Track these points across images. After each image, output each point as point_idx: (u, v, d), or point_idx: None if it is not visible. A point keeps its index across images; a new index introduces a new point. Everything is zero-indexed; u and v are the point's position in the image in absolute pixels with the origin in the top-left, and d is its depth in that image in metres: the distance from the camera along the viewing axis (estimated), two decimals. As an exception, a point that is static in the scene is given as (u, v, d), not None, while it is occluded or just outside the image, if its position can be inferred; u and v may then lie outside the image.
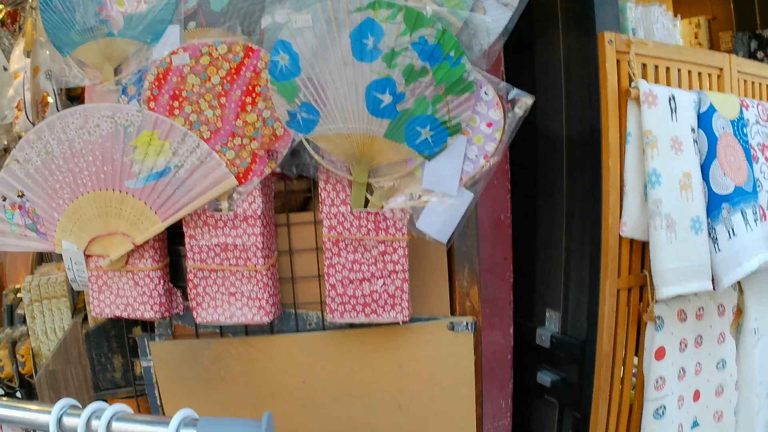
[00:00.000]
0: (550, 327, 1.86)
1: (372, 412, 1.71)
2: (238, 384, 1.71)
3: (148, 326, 1.75)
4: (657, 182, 1.64)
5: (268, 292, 1.58)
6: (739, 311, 1.90)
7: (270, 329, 1.71)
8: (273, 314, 1.60)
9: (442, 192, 1.54)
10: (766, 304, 1.97)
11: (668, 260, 1.64)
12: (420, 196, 1.54)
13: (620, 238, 1.69)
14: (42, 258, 2.47)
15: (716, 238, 1.69)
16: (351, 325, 1.67)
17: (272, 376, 1.71)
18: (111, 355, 1.91)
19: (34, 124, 1.89)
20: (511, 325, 1.83)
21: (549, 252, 1.90)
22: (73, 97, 2.06)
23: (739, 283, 1.90)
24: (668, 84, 1.74)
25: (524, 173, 1.88)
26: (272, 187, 1.62)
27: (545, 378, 1.87)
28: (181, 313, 1.67)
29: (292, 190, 1.73)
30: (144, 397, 1.82)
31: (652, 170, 1.64)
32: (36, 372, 1.95)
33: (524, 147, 1.73)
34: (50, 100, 1.98)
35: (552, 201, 1.88)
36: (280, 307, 1.67)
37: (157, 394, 1.77)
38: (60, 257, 2.43)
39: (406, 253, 1.56)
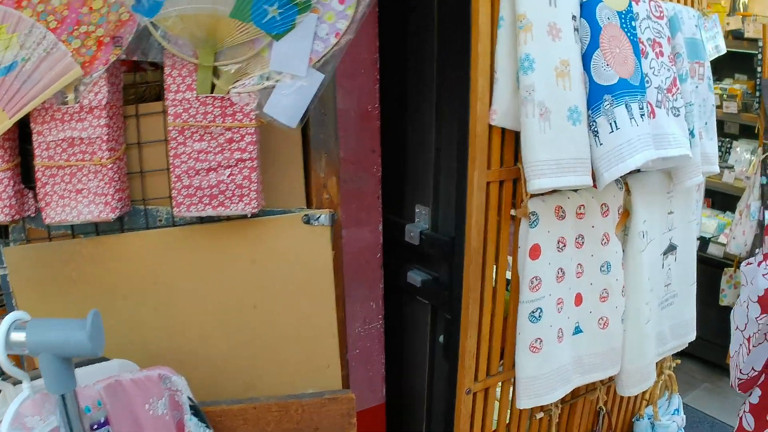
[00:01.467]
0: (419, 223, 1.85)
1: (226, 312, 1.68)
2: (90, 286, 1.66)
3: (2, 233, 1.70)
4: (530, 68, 1.61)
5: (114, 187, 1.55)
6: (626, 213, 1.83)
7: (120, 227, 1.66)
8: (120, 210, 1.57)
9: (291, 73, 1.50)
10: (657, 207, 1.93)
11: (541, 151, 1.62)
12: (268, 79, 1.50)
13: (490, 127, 1.67)
14: None
15: (597, 131, 1.67)
16: (202, 220, 1.63)
17: (123, 277, 1.66)
18: (-34, 269, 1.80)
19: None
20: (380, 221, 1.82)
21: (419, 144, 1.89)
22: None
23: (626, 183, 1.82)
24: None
25: (394, 62, 1.81)
26: (121, 77, 1.59)
27: (416, 277, 1.86)
28: (33, 214, 1.63)
29: (147, 81, 1.68)
30: (3, 308, 1.76)
31: (525, 55, 1.61)
32: None
33: (394, 35, 1.70)
34: None
35: (422, 90, 1.86)
36: (128, 202, 1.62)
37: (14, 303, 1.72)
38: None
39: (255, 140, 1.52)
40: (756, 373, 1.64)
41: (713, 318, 2.44)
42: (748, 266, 1.59)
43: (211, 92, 1.51)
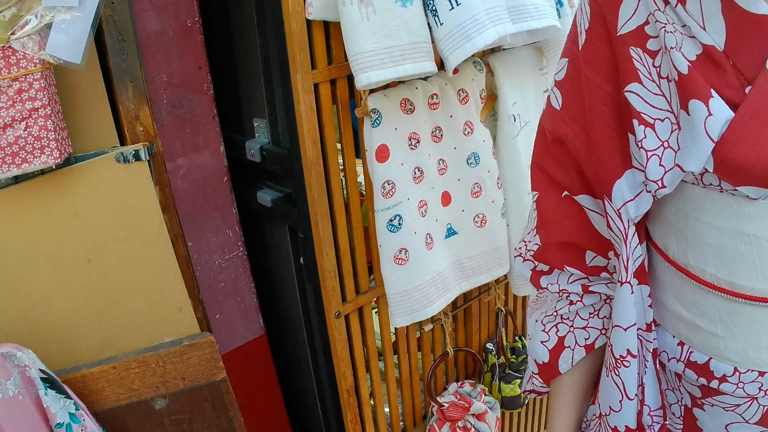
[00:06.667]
0: (260, 138, 1.79)
1: (59, 272, 1.63)
2: None
3: None
4: (340, -51, 1.46)
5: None
6: (493, 96, 1.69)
7: (-58, 203, 1.67)
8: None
9: (64, 5, 1.42)
10: (530, 87, 1.88)
11: (366, 41, 1.57)
12: (43, 17, 1.42)
13: (309, 22, 1.60)
14: None
15: (436, 10, 1.61)
16: (17, 179, 1.57)
17: (-47, 256, 1.68)
18: None
19: None
20: (221, 142, 1.80)
21: (246, 52, 1.82)
22: None
23: (488, 64, 1.68)
24: None
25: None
26: None
27: (266, 197, 1.90)
28: None
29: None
30: None
31: (335, -65, 1.44)
32: None
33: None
34: None
35: None
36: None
37: None
38: None
39: (44, 85, 1.46)
40: None
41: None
42: (524, 263, 1.22)
43: (-7, 45, 1.52)
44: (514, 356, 2.25)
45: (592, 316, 1.13)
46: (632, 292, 1.01)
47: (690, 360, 1.02)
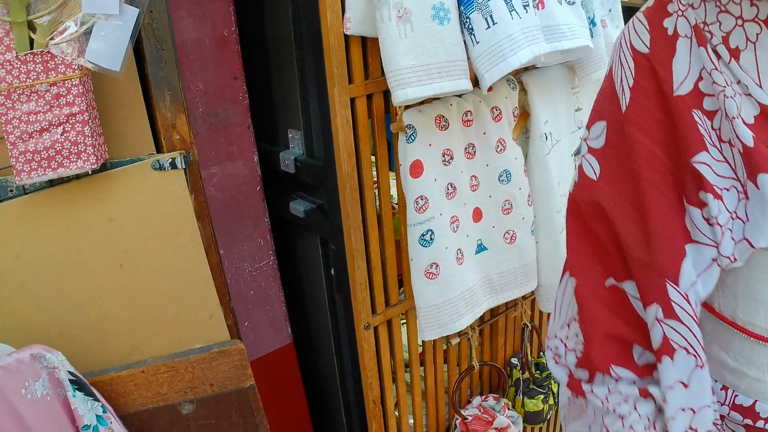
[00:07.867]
0: (294, 149, 1.78)
1: (91, 276, 1.63)
2: (-47, 269, 1.65)
3: None
4: (380, -35, 1.47)
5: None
6: (525, 114, 1.67)
7: (-24, 204, 1.66)
8: (-32, 187, 1.58)
9: (104, 13, 1.43)
10: (562, 105, 1.84)
11: (403, 57, 1.56)
12: (83, 24, 1.43)
13: (347, 37, 1.59)
14: None
15: (472, 29, 1.58)
16: (51, 183, 1.58)
17: (-15, 257, 1.66)
18: None
19: None
20: (255, 152, 1.80)
21: (282, 64, 1.82)
22: None
23: (521, 82, 1.66)
24: None
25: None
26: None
27: (298, 208, 1.88)
28: None
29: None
30: None
31: (375, -49, 1.46)
32: None
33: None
34: None
35: (277, 6, 1.77)
36: (-26, 179, 1.63)
37: None
38: None
39: (82, 91, 1.47)
40: None
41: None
42: (557, 366, 1.09)
43: (32, 48, 1.44)
44: (538, 372, 2.23)
45: (647, 429, 0.97)
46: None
47: (735, 403, 0.98)
